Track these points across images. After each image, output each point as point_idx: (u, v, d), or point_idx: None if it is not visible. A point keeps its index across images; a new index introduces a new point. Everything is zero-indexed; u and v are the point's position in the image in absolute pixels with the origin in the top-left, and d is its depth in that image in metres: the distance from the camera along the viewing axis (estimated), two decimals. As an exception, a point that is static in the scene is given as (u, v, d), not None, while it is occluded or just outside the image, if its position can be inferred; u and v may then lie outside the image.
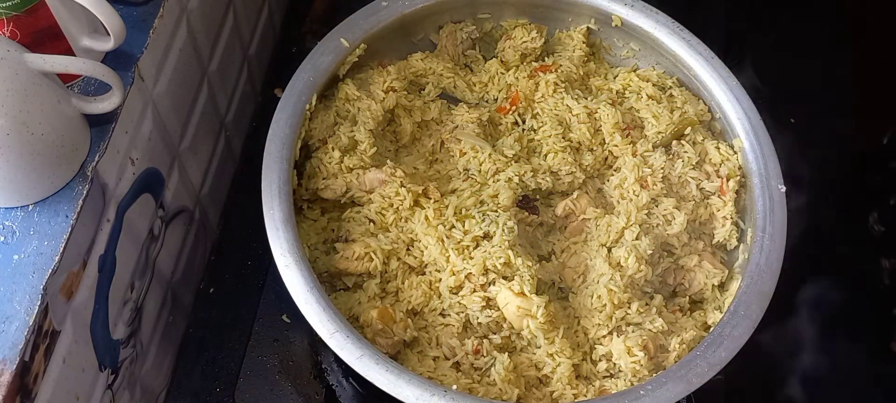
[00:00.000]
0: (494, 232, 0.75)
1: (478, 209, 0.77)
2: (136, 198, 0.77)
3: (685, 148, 0.84)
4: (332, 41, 0.84)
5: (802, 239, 0.81)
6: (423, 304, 0.74)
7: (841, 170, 1.02)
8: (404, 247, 0.77)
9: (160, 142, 0.82)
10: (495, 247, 0.74)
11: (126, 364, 0.81)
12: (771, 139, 0.82)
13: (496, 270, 0.73)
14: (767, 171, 0.80)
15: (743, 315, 0.71)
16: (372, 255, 0.75)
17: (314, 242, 0.78)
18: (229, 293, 0.89)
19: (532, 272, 0.74)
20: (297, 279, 0.69)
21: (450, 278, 0.74)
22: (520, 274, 0.73)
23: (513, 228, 0.75)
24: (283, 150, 0.76)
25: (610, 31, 0.92)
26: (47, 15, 0.65)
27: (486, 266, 0.73)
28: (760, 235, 0.75)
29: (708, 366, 0.68)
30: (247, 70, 1.06)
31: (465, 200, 0.78)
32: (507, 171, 0.79)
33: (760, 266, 0.74)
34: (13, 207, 0.65)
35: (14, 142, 0.60)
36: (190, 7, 0.85)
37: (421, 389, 0.65)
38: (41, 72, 0.62)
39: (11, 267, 0.62)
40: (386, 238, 0.76)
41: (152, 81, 0.78)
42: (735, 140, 0.83)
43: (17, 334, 0.60)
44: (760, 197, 0.78)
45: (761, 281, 0.73)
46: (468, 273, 0.74)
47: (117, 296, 0.76)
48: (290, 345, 0.84)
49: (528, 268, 0.73)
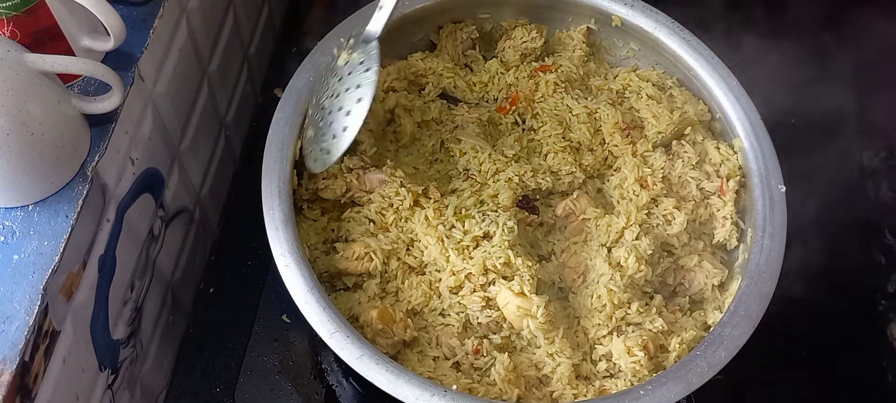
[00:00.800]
0: (494, 232, 0.75)
1: (478, 209, 0.77)
2: (136, 198, 0.77)
3: (685, 148, 0.84)
4: (332, 41, 0.84)
5: (802, 238, 0.81)
6: (423, 304, 0.74)
7: (841, 170, 1.02)
8: (404, 247, 0.77)
9: (160, 142, 0.82)
10: (495, 247, 0.74)
11: (126, 364, 0.81)
12: (771, 139, 0.82)
13: (496, 270, 0.73)
14: (767, 171, 0.80)
15: (743, 315, 0.71)
16: (372, 255, 0.75)
17: (314, 242, 0.78)
18: (229, 293, 0.89)
19: (532, 272, 0.74)
20: (297, 279, 0.69)
21: (450, 278, 0.74)
22: (520, 274, 0.73)
23: (513, 228, 0.75)
24: (283, 150, 0.76)
25: (610, 31, 0.92)
26: (47, 15, 0.65)
27: (486, 266, 0.73)
28: (760, 235, 0.75)
29: (708, 366, 0.68)
30: (247, 70, 1.06)
31: (465, 200, 0.78)
32: (507, 171, 0.79)
33: (760, 266, 0.74)
34: (13, 207, 0.65)
35: (14, 142, 0.60)
36: (190, 7, 0.85)
37: (421, 389, 0.65)
38: (41, 72, 0.62)
39: (11, 267, 0.62)
40: (386, 238, 0.76)
41: (152, 81, 0.78)
42: (735, 140, 0.83)
43: (17, 334, 0.60)
44: (760, 197, 0.78)
45: (761, 281, 0.73)
46: (468, 273, 0.74)
47: (117, 296, 0.76)
48: (290, 345, 0.84)
49: (528, 268, 0.73)
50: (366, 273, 0.76)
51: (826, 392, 0.88)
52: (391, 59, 0.90)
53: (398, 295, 0.75)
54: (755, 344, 0.69)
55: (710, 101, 0.86)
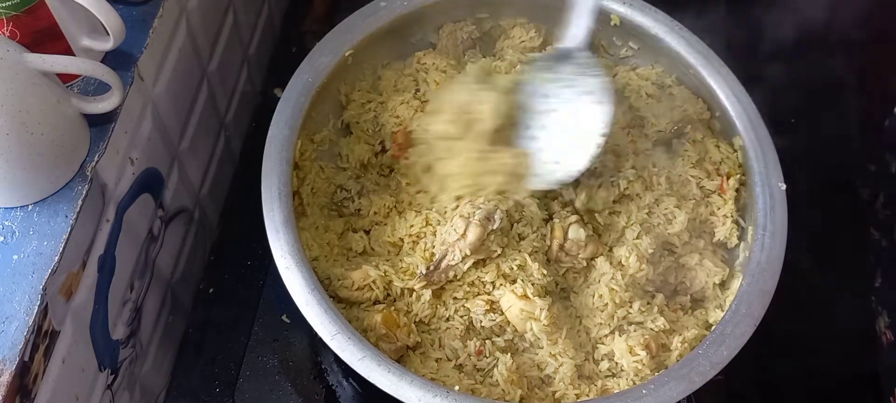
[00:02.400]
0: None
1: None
2: (135, 197, 0.77)
3: (685, 146, 0.83)
4: (332, 41, 0.84)
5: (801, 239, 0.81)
6: (431, 315, 0.74)
7: (841, 169, 1.02)
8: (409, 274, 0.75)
9: (160, 142, 0.82)
10: (512, 251, 0.74)
11: (126, 365, 0.81)
12: (771, 137, 0.82)
13: (511, 272, 0.73)
14: (767, 169, 0.80)
15: (744, 313, 0.71)
16: (371, 286, 0.74)
17: (315, 244, 0.78)
18: (229, 293, 0.89)
19: (540, 274, 0.73)
20: (298, 281, 0.69)
21: (458, 290, 0.74)
22: (523, 277, 0.73)
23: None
24: (283, 151, 0.76)
25: (609, 30, 0.91)
26: (47, 15, 0.65)
27: (502, 271, 0.73)
28: (761, 233, 0.75)
29: (710, 365, 0.68)
30: (247, 70, 1.06)
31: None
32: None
33: (761, 264, 0.74)
34: (13, 207, 0.65)
35: (13, 142, 0.60)
36: (189, 7, 0.85)
37: (423, 390, 0.64)
38: (41, 72, 0.62)
39: (11, 267, 0.62)
40: (386, 264, 0.75)
41: (152, 81, 0.78)
42: (735, 138, 0.83)
43: (16, 334, 0.59)
44: (761, 194, 0.78)
45: (762, 279, 0.73)
46: (482, 280, 0.73)
47: (117, 296, 0.76)
48: (290, 345, 0.84)
49: (537, 269, 0.73)
50: (367, 300, 0.75)
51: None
52: (391, 58, 0.90)
53: (406, 310, 0.74)
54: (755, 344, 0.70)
55: (710, 100, 0.86)
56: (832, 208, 0.98)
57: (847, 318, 0.92)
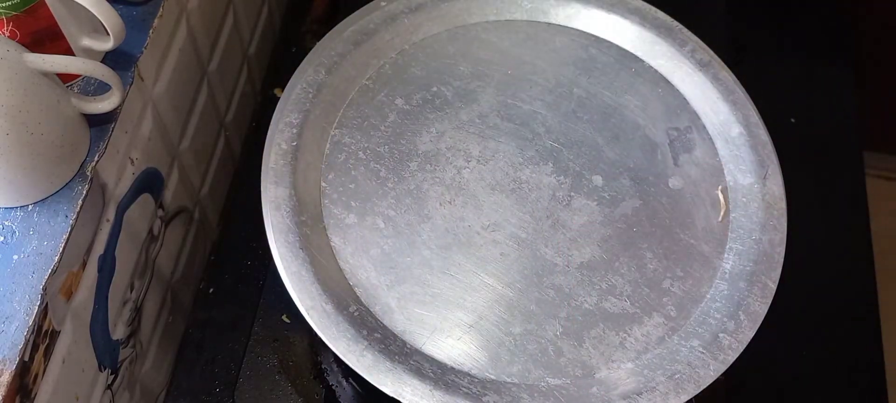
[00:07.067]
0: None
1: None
2: (135, 197, 0.77)
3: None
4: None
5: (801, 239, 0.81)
6: None
7: (841, 168, 1.02)
8: None
9: (160, 141, 0.82)
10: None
11: (126, 365, 0.81)
12: (771, 138, 0.81)
13: None
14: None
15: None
16: None
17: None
18: (229, 293, 0.89)
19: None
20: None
21: None
22: None
23: None
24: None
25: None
26: (47, 15, 0.65)
27: None
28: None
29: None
30: (247, 70, 1.06)
31: None
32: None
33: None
34: (12, 207, 0.65)
35: (13, 142, 0.60)
36: (190, 7, 0.85)
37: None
38: (41, 72, 0.62)
39: (11, 267, 0.62)
40: None
41: (152, 81, 0.78)
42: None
43: (16, 334, 0.59)
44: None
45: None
46: None
47: (117, 296, 0.76)
48: (290, 345, 0.84)
49: None
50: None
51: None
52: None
53: None
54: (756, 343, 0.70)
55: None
56: (832, 208, 0.98)
57: (848, 318, 0.92)
